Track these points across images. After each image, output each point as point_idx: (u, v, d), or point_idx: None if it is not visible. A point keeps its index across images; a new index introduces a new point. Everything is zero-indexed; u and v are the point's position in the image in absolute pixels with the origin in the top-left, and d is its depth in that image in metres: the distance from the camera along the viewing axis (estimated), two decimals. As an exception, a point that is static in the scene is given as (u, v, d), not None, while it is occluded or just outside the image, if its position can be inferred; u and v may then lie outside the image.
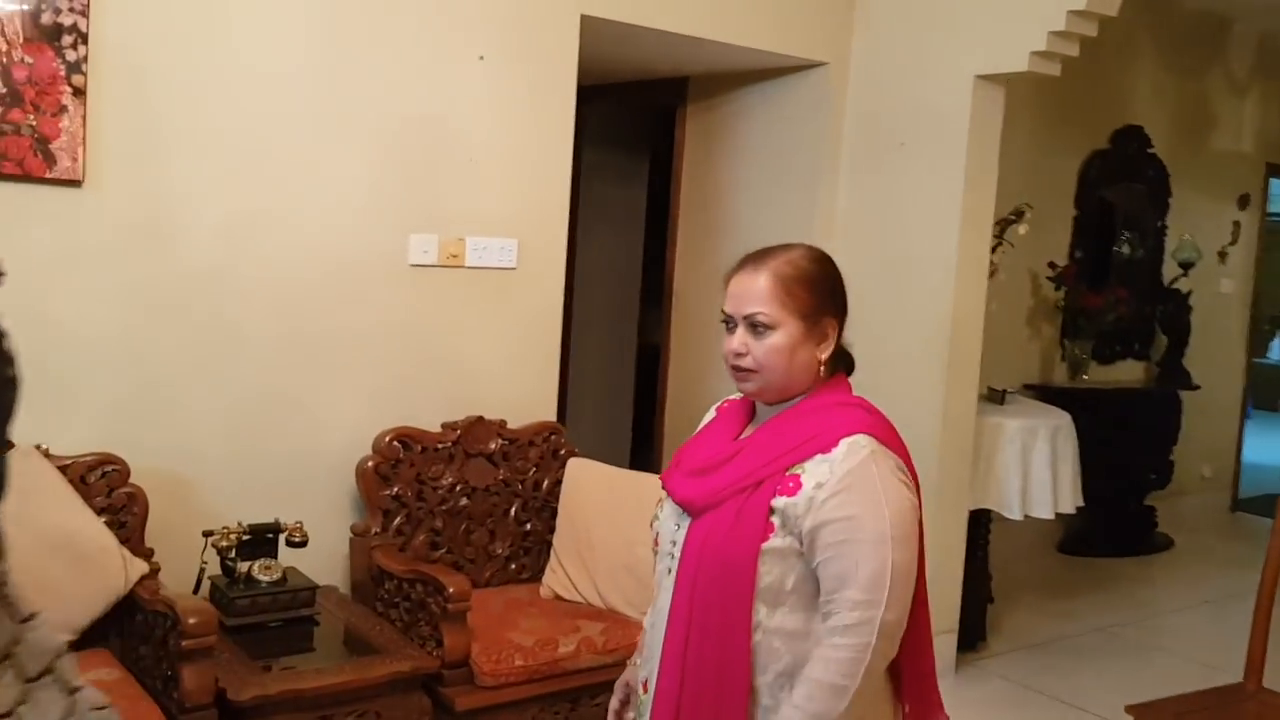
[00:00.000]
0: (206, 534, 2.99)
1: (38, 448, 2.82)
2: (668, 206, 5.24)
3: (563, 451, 3.67)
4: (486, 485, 3.54)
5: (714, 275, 4.97)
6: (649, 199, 5.91)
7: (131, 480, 2.95)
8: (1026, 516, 4.49)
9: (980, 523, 4.65)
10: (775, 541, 1.62)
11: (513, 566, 3.59)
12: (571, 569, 3.42)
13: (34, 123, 2.76)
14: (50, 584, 2.67)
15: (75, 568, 2.73)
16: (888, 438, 1.69)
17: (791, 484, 1.62)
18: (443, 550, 3.45)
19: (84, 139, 2.84)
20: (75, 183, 2.85)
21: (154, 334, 3.04)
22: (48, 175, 2.80)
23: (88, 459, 2.90)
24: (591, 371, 6.04)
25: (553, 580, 3.45)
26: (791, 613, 1.63)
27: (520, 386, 3.72)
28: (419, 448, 3.43)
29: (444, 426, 3.51)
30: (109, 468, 2.92)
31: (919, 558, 1.66)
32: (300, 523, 3.11)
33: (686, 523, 1.72)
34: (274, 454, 3.27)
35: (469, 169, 3.54)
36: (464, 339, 3.60)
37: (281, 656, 2.85)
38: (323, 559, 3.33)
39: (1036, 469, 4.50)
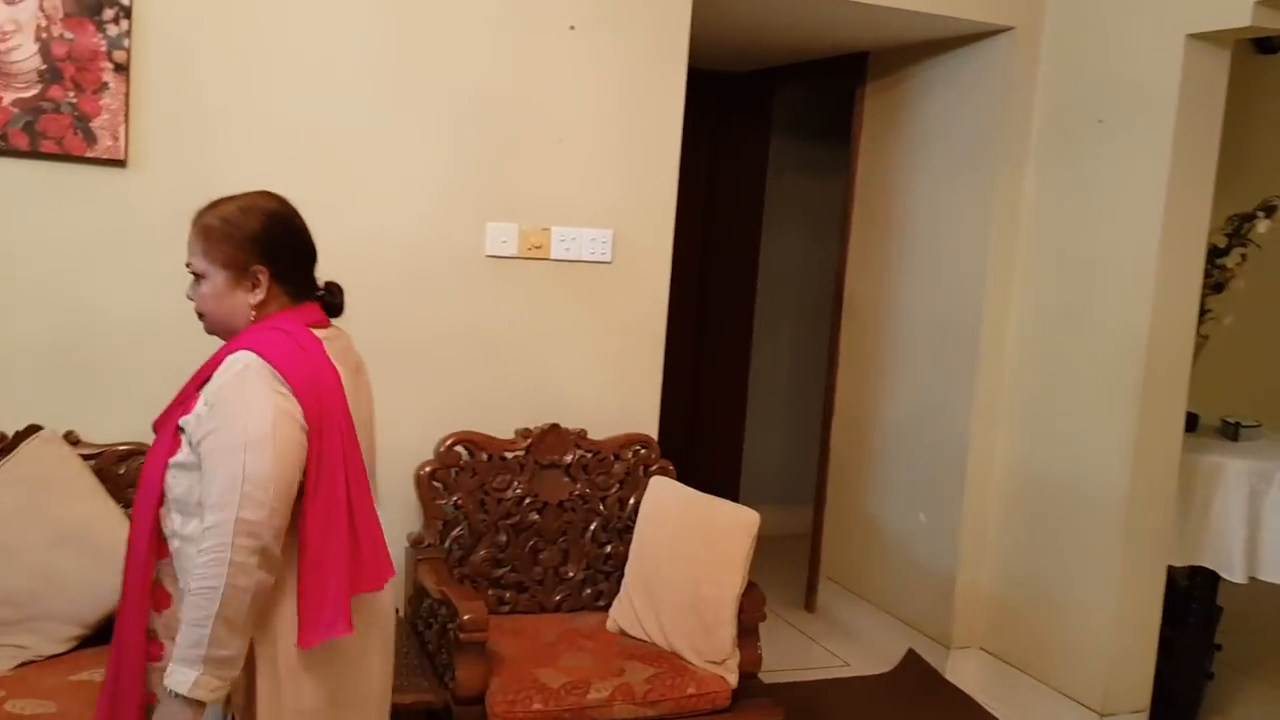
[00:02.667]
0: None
1: (68, 435, 2.76)
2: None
3: (654, 467, 3.28)
4: (560, 500, 3.21)
5: (886, 277, 4.43)
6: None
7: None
8: (1252, 579, 3.62)
9: (1199, 581, 3.80)
10: (180, 456, 1.76)
11: (587, 592, 3.23)
12: (639, 602, 3.02)
13: (74, 100, 2.70)
14: (57, 575, 2.60)
15: (87, 561, 2.63)
16: (280, 355, 1.73)
17: (193, 403, 1.77)
18: (506, 569, 3.15)
19: (126, 117, 2.76)
20: (118, 162, 2.77)
21: (195, 323, 2.91)
22: (88, 154, 2.73)
23: (120, 448, 2.82)
24: (779, 386, 5.57)
25: (619, 613, 3.07)
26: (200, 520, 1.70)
27: (612, 396, 3.35)
28: (484, 455, 3.15)
29: (516, 433, 3.20)
30: (141, 459, 2.82)
31: (329, 476, 1.72)
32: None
33: None
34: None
35: (556, 151, 3.22)
36: (546, 339, 3.28)
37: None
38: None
39: (1270, 521, 3.62)
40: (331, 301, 1.95)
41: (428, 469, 3.09)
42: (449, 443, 3.12)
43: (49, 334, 2.78)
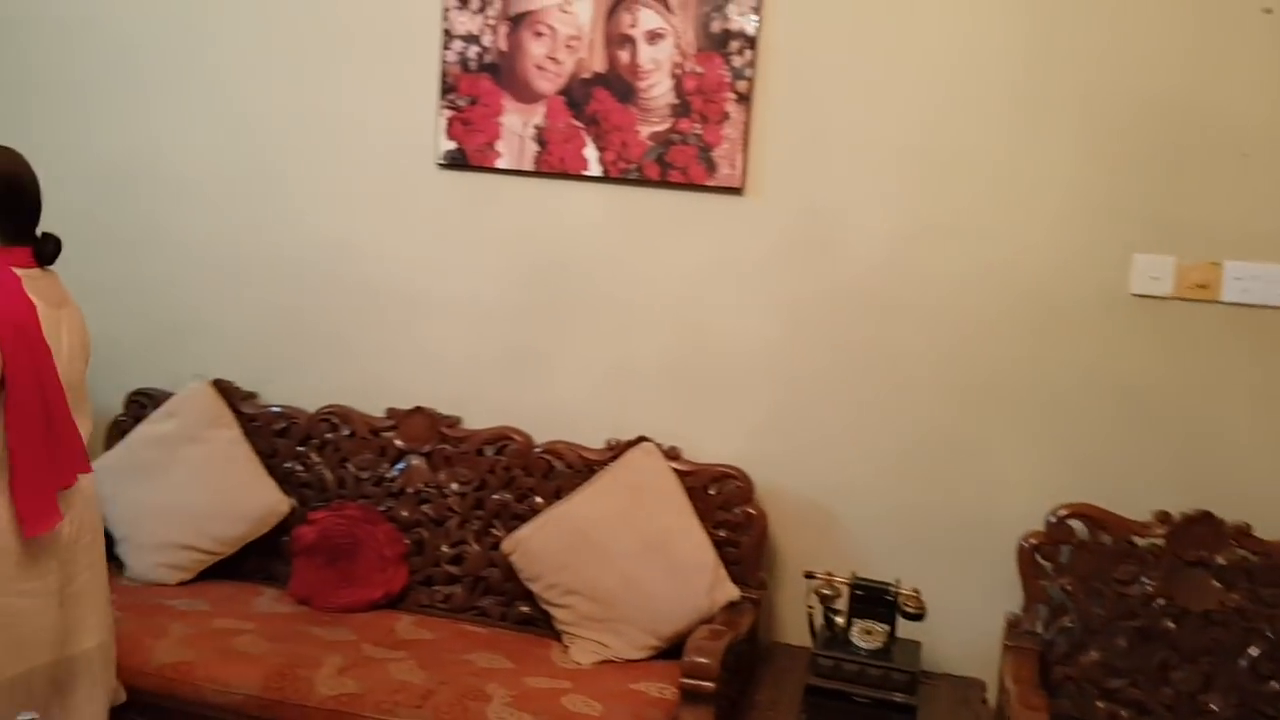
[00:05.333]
0: (808, 575, 2.68)
1: (670, 450, 2.85)
2: None
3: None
4: (1206, 610, 2.50)
5: None
6: None
7: (754, 501, 2.81)
8: None
9: None
10: None
11: (1235, 736, 2.47)
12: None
13: (699, 131, 2.81)
14: (642, 583, 2.70)
15: (667, 575, 2.69)
16: None
17: None
18: (1124, 680, 2.54)
19: (744, 145, 2.79)
20: (735, 190, 2.82)
21: (799, 353, 2.84)
22: (708, 182, 2.82)
23: (713, 469, 2.84)
24: None
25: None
26: None
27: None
28: (1107, 536, 2.58)
29: (1152, 516, 2.58)
30: (733, 483, 2.82)
31: (21, 388, 1.97)
32: (917, 591, 2.59)
33: None
34: (926, 506, 2.79)
35: (1238, 167, 2.54)
36: (1206, 404, 2.60)
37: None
38: (970, 645, 2.74)
39: None
40: (43, 250, 2.16)
41: (1033, 542, 2.63)
42: (1063, 515, 2.62)
43: (665, 353, 2.92)
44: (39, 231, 2.17)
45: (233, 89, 3.15)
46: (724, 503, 2.82)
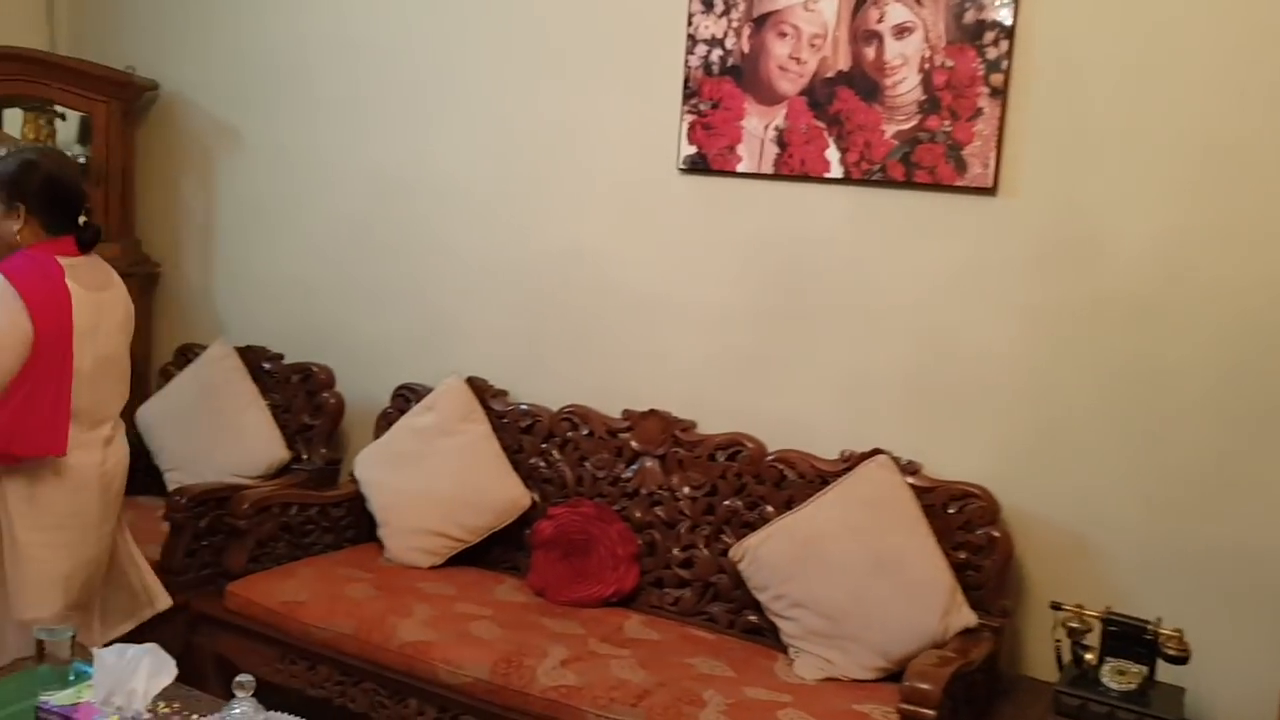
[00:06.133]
0: (1054, 606, 2.47)
1: (908, 464, 2.72)
2: None
3: None
4: None
5: None
6: None
7: (999, 523, 2.63)
8: None
9: None
10: None
11: None
12: None
13: (948, 128, 2.66)
14: (872, 602, 2.60)
15: (899, 594, 2.56)
16: (24, 277, 2.38)
17: None
18: None
19: (998, 143, 2.62)
20: (986, 190, 2.65)
21: (1057, 365, 2.62)
22: (957, 183, 2.66)
23: (954, 487, 2.68)
24: None
25: None
26: None
27: None
28: None
29: None
30: (976, 503, 2.65)
31: (44, 360, 2.38)
32: (1180, 631, 2.33)
33: None
34: (1196, 541, 2.50)
35: None
36: None
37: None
38: (1248, 698, 2.44)
39: None
40: (84, 237, 2.50)
41: (1325, 588, 2.30)
42: (1365, 559, 2.28)
43: (907, 363, 2.79)
44: (81, 220, 2.51)
45: (496, 101, 3.30)
46: (965, 523, 2.65)
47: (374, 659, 2.66)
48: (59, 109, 3.76)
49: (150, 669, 2.02)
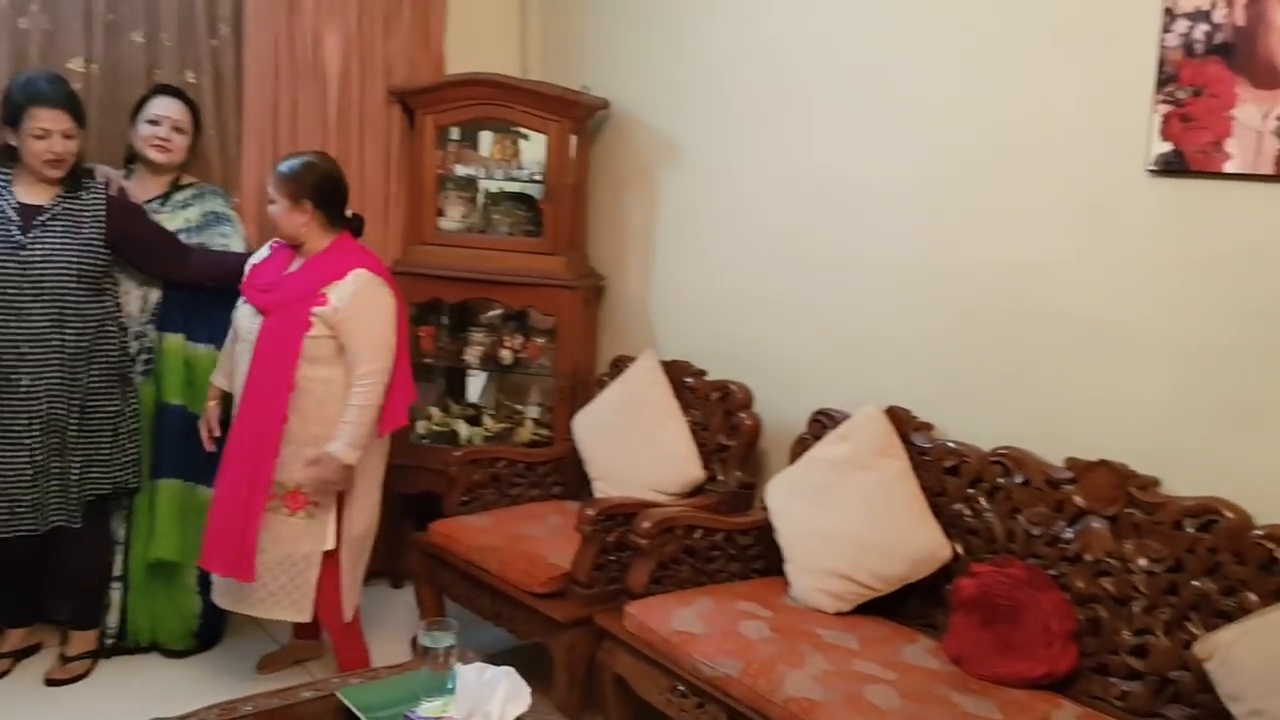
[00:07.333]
0: None
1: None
2: None
3: None
4: None
5: None
6: None
7: None
8: None
9: None
10: (314, 331, 2.97)
11: None
12: None
13: None
14: None
15: None
16: (377, 269, 3.05)
17: (322, 299, 2.96)
18: None
19: None
20: None
21: None
22: None
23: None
24: None
25: None
26: (324, 368, 3.00)
27: None
28: None
29: None
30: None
31: (398, 336, 3.07)
32: None
33: (259, 320, 3.02)
34: None
35: None
36: None
37: None
38: None
39: None
40: (355, 227, 3.13)
41: None
42: None
43: None
44: (349, 213, 3.11)
45: (925, 101, 2.98)
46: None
47: (755, 707, 2.46)
48: (522, 130, 3.99)
49: (507, 693, 1.99)
